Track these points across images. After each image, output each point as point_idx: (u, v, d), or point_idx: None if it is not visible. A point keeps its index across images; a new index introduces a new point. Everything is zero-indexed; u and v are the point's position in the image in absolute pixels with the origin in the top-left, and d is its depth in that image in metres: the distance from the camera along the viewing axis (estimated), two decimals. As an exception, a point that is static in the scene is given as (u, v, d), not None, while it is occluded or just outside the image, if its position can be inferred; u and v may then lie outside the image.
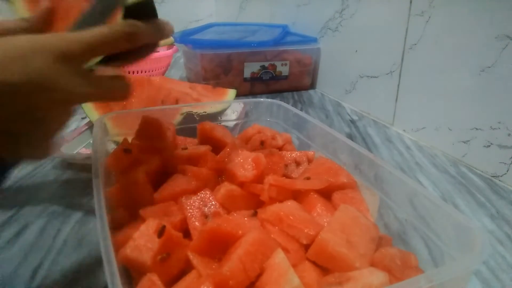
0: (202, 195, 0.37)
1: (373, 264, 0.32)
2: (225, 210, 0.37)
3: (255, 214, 0.36)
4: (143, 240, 0.31)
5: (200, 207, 0.36)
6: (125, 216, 0.37)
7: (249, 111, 0.62)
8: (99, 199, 0.34)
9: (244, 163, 0.41)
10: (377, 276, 0.28)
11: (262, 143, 0.50)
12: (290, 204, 0.36)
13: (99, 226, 0.30)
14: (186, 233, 0.35)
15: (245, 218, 0.34)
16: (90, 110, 0.61)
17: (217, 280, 0.28)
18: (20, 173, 0.57)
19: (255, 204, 0.38)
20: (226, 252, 0.32)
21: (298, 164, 0.48)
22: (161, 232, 0.31)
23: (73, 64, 0.30)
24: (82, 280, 0.38)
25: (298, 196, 0.40)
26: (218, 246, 0.32)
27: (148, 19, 0.34)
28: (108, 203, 0.37)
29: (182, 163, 0.43)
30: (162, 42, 1.14)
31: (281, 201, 0.37)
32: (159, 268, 0.30)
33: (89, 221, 0.47)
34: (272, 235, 0.33)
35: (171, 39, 1.14)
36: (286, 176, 0.45)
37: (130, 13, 0.33)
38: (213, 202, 0.36)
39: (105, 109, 0.62)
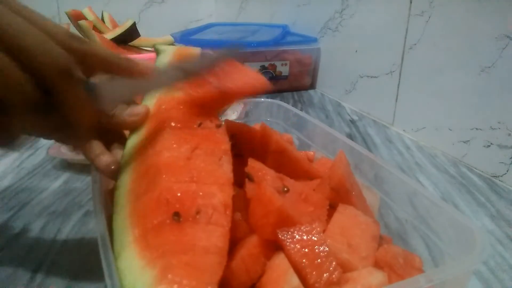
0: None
1: (375, 260, 0.32)
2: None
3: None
4: None
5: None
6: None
7: (249, 111, 0.62)
8: (99, 199, 0.34)
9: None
10: (376, 276, 0.28)
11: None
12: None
13: (98, 226, 0.30)
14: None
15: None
16: None
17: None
18: (20, 173, 0.57)
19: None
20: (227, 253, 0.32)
21: (298, 164, 0.48)
22: None
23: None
24: (82, 280, 0.38)
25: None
26: None
27: None
28: (108, 203, 0.37)
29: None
30: (161, 41, 1.14)
31: None
32: None
33: (89, 221, 0.47)
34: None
35: (171, 39, 1.14)
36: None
37: None
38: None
39: None
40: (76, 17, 1.14)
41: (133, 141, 0.35)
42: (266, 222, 0.30)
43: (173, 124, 0.34)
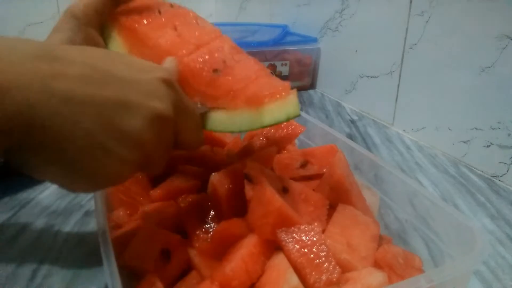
0: (199, 200, 0.37)
1: (375, 260, 0.32)
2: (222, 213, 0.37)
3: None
4: (142, 247, 0.31)
5: (198, 213, 0.36)
6: (125, 216, 0.37)
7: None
8: (99, 199, 0.34)
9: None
10: (376, 276, 0.28)
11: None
12: None
13: (99, 226, 0.30)
14: (183, 232, 0.35)
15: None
16: None
17: (220, 280, 0.28)
18: (20, 173, 0.57)
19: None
20: (227, 253, 0.32)
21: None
22: (166, 254, 0.31)
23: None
24: (82, 280, 0.38)
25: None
26: (222, 248, 0.32)
27: None
28: (108, 203, 0.37)
29: (181, 163, 0.43)
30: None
31: None
32: (161, 272, 0.30)
33: (89, 221, 0.47)
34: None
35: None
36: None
37: None
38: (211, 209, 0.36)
39: None
40: (76, 17, 1.14)
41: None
42: (265, 222, 0.30)
43: (145, 21, 0.39)
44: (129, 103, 0.25)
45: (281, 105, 0.31)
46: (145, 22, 0.38)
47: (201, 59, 0.35)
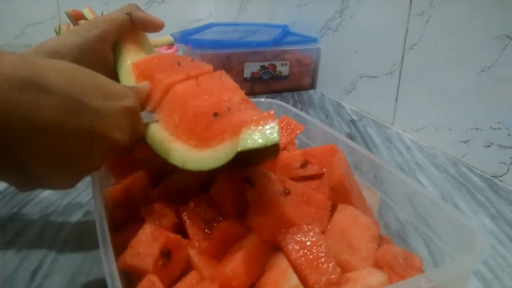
0: (198, 201, 0.36)
1: (375, 260, 0.32)
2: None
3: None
4: (142, 247, 0.31)
5: (198, 213, 0.36)
6: (125, 216, 0.37)
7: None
8: (99, 199, 0.34)
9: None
10: (376, 276, 0.28)
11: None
12: None
13: (99, 226, 0.30)
14: (183, 232, 0.35)
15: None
16: None
17: (220, 280, 0.28)
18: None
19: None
20: (227, 253, 0.32)
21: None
22: (166, 254, 0.31)
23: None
24: (82, 280, 0.38)
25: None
26: (222, 248, 0.32)
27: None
28: (108, 203, 0.37)
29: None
30: (161, 41, 1.14)
31: None
32: (161, 272, 0.30)
33: (89, 221, 0.47)
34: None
35: (171, 39, 1.14)
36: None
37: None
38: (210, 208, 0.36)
39: None
40: (76, 17, 1.14)
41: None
42: (266, 224, 0.30)
43: (161, 69, 0.41)
44: (96, 134, 0.30)
45: (260, 130, 0.29)
46: (162, 70, 0.41)
47: (208, 105, 0.37)
